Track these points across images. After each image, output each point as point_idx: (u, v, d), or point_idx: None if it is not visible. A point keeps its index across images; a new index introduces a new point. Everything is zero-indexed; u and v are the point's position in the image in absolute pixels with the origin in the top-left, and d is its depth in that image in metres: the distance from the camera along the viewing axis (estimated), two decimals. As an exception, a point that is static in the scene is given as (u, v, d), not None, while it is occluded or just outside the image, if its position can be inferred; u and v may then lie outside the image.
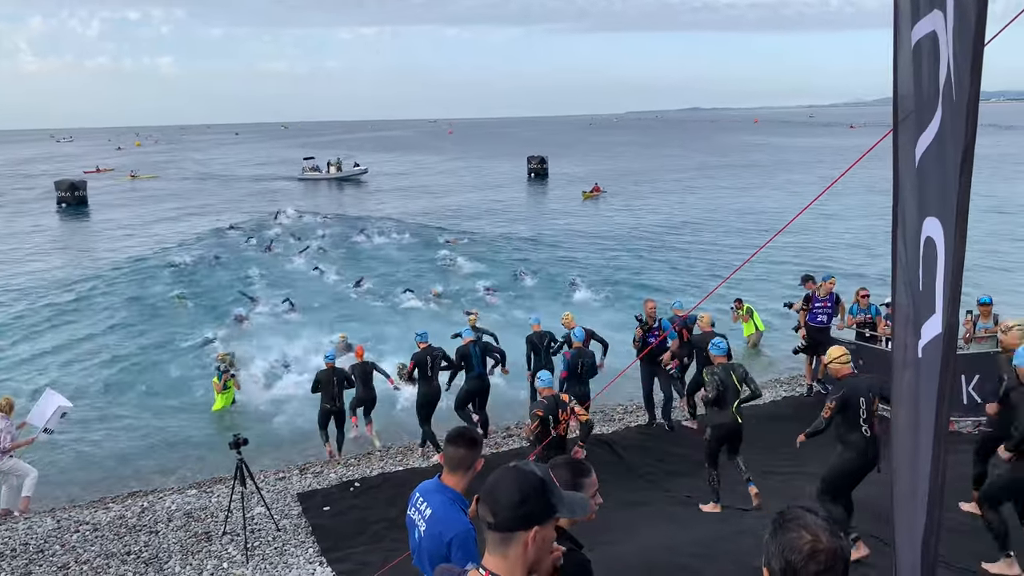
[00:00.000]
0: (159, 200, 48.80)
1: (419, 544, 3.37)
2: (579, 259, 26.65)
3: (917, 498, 2.08)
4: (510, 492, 1.94)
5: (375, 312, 20.51)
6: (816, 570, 1.72)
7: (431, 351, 11.01)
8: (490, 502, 1.95)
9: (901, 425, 2.31)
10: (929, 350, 2.05)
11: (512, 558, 1.94)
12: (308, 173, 61.10)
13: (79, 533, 8.98)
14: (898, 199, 2.34)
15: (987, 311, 11.41)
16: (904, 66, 2.29)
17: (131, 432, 12.85)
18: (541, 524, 1.95)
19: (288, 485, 10.19)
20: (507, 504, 1.93)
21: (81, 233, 37.70)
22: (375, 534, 8.71)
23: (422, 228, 33.74)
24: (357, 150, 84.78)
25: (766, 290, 20.57)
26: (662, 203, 41.47)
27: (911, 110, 2.21)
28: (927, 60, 2.09)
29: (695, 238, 30.23)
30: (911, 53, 2.21)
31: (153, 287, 23.74)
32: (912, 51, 2.20)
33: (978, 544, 6.56)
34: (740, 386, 8.18)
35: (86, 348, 17.86)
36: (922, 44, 2.12)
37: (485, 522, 1.97)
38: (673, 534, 7.84)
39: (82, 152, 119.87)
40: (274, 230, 34.01)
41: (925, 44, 2.09)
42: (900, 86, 2.33)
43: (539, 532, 1.94)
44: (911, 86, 2.24)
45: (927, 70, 2.10)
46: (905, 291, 2.31)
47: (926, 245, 2.05)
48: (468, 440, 3.43)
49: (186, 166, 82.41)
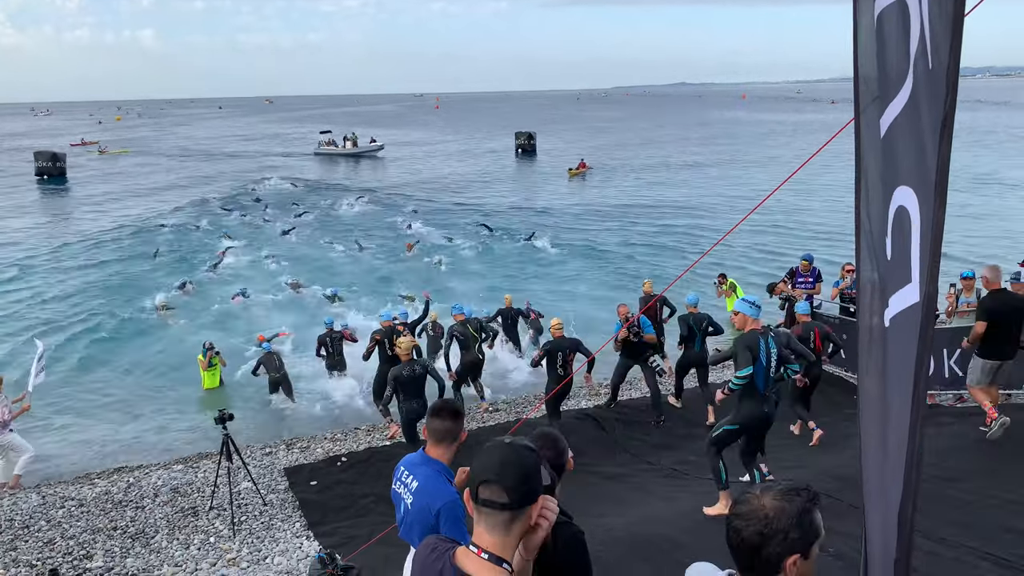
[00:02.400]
0: (140, 175, 48.32)
1: (406, 517, 3.39)
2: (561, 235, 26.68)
3: (888, 468, 2.11)
4: (520, 469, 1.93)
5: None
6: (738, 526, 1.86)
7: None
8: (503, 482, 1.90)
9: (868, 395, 2.33)
10: (900, 320, 2.05)
11: (514, 535, 1.93)
12: (324, 148, 59.85)
13: (64, 509, 8.97)
14: (861, 171, 2.34)
15: (970, 285, 11.52)
16: (866, 39, 2.26)
17: (115, 407, 12.83)
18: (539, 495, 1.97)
19: (275, 460, 10.21)
20: (520, 481, 1.91)
21: (61, 204, 37.34)
22: (362, 508, 8.75)
23: (395, 200, 33.92)
24: (343, 124, 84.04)
25: (749, 265, 20.69)
26: (647, 180, 41.48)
27: (876, 94, 2.19)
28: (894, 30, 2.07)
29: (676, 215, 30.29)
30: (873, 25, 2.19)
31: (134, 259, 23.65)
32: (875, 22, 2.18)
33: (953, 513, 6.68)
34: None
35: (69, 321, 17.75)
36: (886, 14, 2.10)
37: (495, 504, 1.91)
38: (659, 507, 7.93)
39: (62, 126, 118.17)
40: (259, 196, 35.52)
41: (891, 14, 2.07)
42: (861, 61, 2.30)
43: (541, 503, 1.96)
44: (874, 60, 2.22)
45: (894, 40, 2.07)
46: (870, 261, 2.32)
47: (897, 215, 2.04)
48: (452, 412, 3.44)
49: (169, 140, 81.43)
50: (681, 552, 6.25)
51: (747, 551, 1.86)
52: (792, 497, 1.86)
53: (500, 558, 1.91)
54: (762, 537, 1.83)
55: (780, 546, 1.82)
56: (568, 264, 22.92)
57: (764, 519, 1.83)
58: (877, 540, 2.23)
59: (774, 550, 1.82)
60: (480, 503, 1.93)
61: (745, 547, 1.86)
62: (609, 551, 6.14)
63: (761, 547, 1.83)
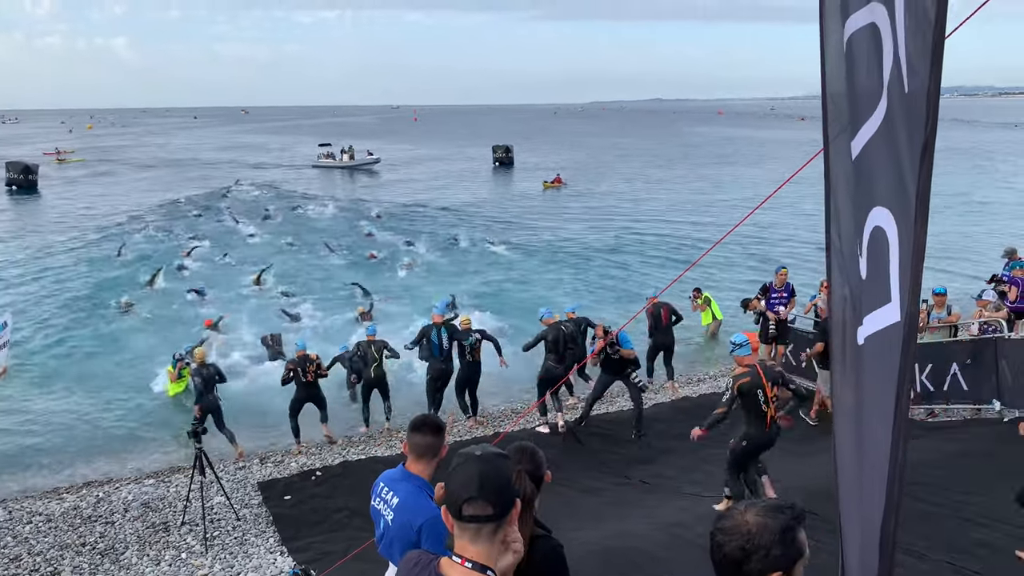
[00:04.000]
0: (112, 184, 47.76)
1: (386, 533, 3.36)
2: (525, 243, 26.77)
3: (865, 483, 2.12)
4: (499, 480, 1.96)
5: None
6: (720, 540, 1.87)
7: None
8: (486, 497, 1.92)
9: (843, 412, 2.34)
10: (876, 339, 2.07)
11: (498, 542, 1.97)
12: (323, 160, 59.56)
13: (32, 524, 8.79)
14: (830, 190, 2.37)
15: (941, 301, 11.69)
16: (834, 64, 2.30)
17: (84, 420, 12.56)
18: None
19: (248, 474, 10.08)
20: (502, 492, 1.95)
21: (30, 214, 36.83)
22: (337, 523, 8.67)
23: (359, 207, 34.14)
24: (320, 136, 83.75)
25: (723, 279, 20.85)
26: (623, 193, 41.67)
27: (846, 123, 2.22)
28: (864, 54, 2.10)
29: (653, 227, 30.45)
30: (843, 48, 2.22)
31: (103, 269, 23.39)
32: (845, 46, 2.21)
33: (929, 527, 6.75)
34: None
35: (37, 332, 17.41)
36: (856, 38, 2.13)
37: (480, 518, 1.93)
38: (636, 521, 7.93)
39: (31, 134, 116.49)
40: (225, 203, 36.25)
41: (861, 37, 2.11)
42: (830, 86, 2.33)
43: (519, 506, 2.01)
44: (843, 84, 2.25)
45: (865, 64, 2.10)
46: (841, 280, 2.34)
47: (873, 235, 2.07)
48: (434, 427, 3.42)
49: (143, 151, 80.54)
50: (657, 566, 6.27)
51: (729, 566, 1.86)
52: (776, 514, 1.86)
53: (485, 566, 1.94)
54: (744, 552, 1.84)
55: (761, 562, 1.82)
56: (535, 270, 23.21)
57: (746, 534, 1.84)
58: (854, 554, 2.25)
59: (756, 566, 1.83)
60: (465, 519, 1.94)
61: (727, 562, 1.86)
62: (585, 566, 6.12)
63: (743, 563, 1.84)
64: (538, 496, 2.91)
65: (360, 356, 11.54)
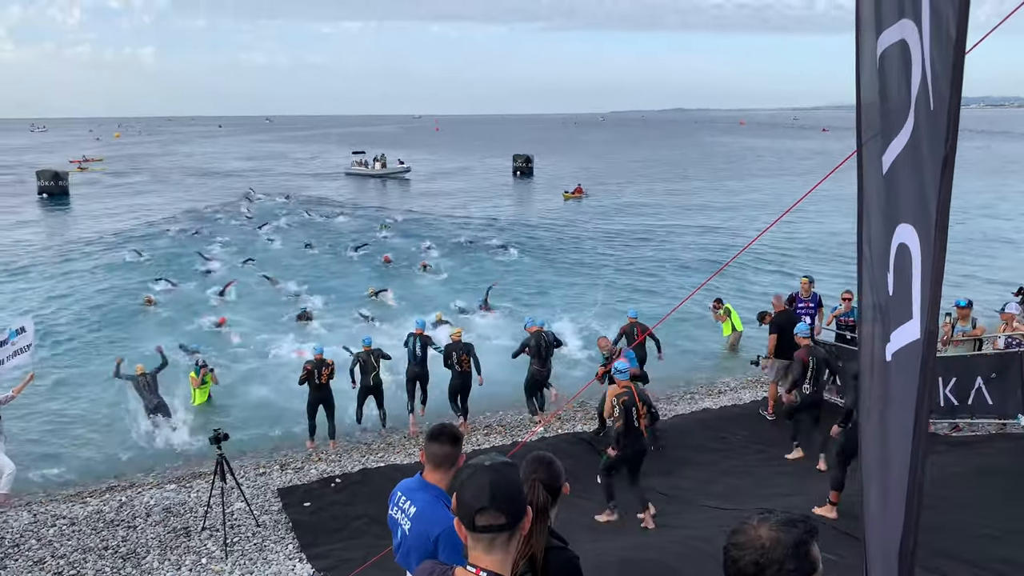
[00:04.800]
0: (141, 193, 48.48)
1: (403, 542, 3.37)
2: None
3: (889, 498, 2.11)
4: (510, 490, 1.99)
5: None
6: (734, 555, 1.85)
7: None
8: (498, 507, 1.95)
9: (869, 427, 2.33)
10: (901, 356, 2.07)
11: (512, 550, 2.01)
12: (356, 168, 60.31)
13: (56, 527, 8.90)
14: (863, 206, 2.36)
15: (966, 314, 11.55)
16: (868, 77, 2.31)
17: (108, 425, 12.71)
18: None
19: (268, 480, 10.14)
20: (513, 501, 1.99)
21: (62, 222, 37.46)
22: (355, 530, 8.70)
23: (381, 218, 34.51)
24: (342, 145, 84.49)
25: (744, 290, 20.73)
26: (644, 207, 41.51)
27: (877, 130, 2.23)
28: (895, 69, 2.11)
29: (674, 238, 30.32)
30: (876, 63, 2.23)
31: (128, 275, 23.73)
32: (878, 60, 2.22)
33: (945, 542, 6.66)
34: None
35: (63, 336, 17.66)
36: (889, 53, 2.14)
37: (493, 528, 1.96)
38: (652, 533, 7.90)
39: (61, 142, 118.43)
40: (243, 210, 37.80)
41: (893, 53, 2.11)
42: (864, 96, 2.34)
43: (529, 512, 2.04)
44: (876, 96, 2.26)
45: (895, 79, 2.11)
46: (872, 297, 2.33)
47: (899, 251, 2.07)
48: (451, 437, 3.42)
49: (170, 159, 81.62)
50: (675, 579, 6.22)
51: None
52: (789, 528, 1.86)
53: (498, 574, 1.97)
54: (758, 567, 1.83)
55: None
56: (551, 279, 23.29)
57: (760, 549, 1.83)
58: (878, 572, 2.23)
59: None
60: (478, 530, 1.97)
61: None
62: (602, 577, 6.10)
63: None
64: (555, 507, 2.90)
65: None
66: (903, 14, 2.02)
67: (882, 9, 2.16)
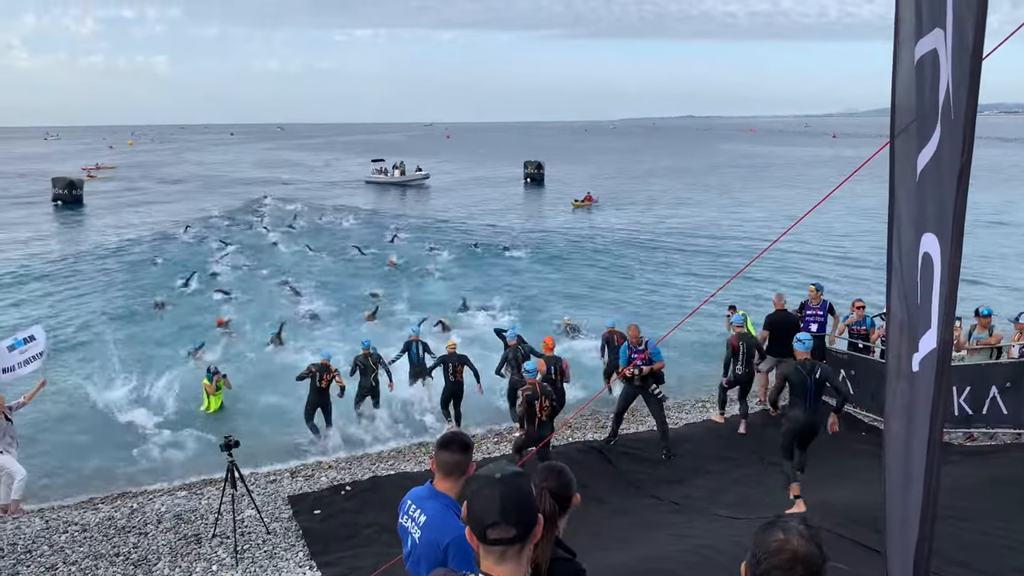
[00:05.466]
0: (155, 201, 48.78)
1: (413, 551, 3.36)
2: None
3: (909, 509, 2.09)
4: (522, 503, 1.99)
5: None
6: (773, 564, 1.82)
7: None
8: (509, 520, 1.95)
9: (894, 436, 2.32)
10: (925, 364, 2.06)
11: (524, 561, 2.01)
12: (375, 176, 60.24)
13: (67, 534, 8.93)
14: (894, 211, 2.35)
15: (986, 323, 11.44)
16: (905, 81, 2.30)
17: (119, 431, 12.76)
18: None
19: (279, 488, 10.15)
20: (525, 514, 1.99)
21: (76, 228, 37.79)
22: (366, 538, 8.68)
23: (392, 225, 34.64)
24: (353, 152, 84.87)
25: (757, 296, 20.63)
26: (655, 211, 41.49)
27: (911, 120, 2.22)
28: (928, 77, 2.11)
29: (686, 246, 30.25)
30: (913, 69, 2.22)
31: (143, 283, 23.89)
32: (915, 67, 2.21)
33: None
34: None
35: (73, 341, 17.78)
36: (924, 61, 2.14)
37: (504, 540, 1.96)
38: (664, 543, 7.84)
39: (73, 150, 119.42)
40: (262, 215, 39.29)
41: (927, 61, 2.11)
42: (899, 99, 2.34)
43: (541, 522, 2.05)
44: (913, 100, 2.25)
45: (928, 87, 2.11)
46: (900, 303, 2.32)
47: (924, 261, 2.06)
48: (462, 445, 3.41)
49: (183, 168, 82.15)
50: (687, 590, 6.17)
51: None
52: (814, 542, 1.84)
53: None
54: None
55: None
56: (560, 283, 23.39)
57: (794, 560, 1.82)
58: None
59: None
60: (489, 543, 1.97)
61: None
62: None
63: None
64: (564, 517, 2.88)
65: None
66: (936, 23, 2.01)
67: (922, 16, 2.14)
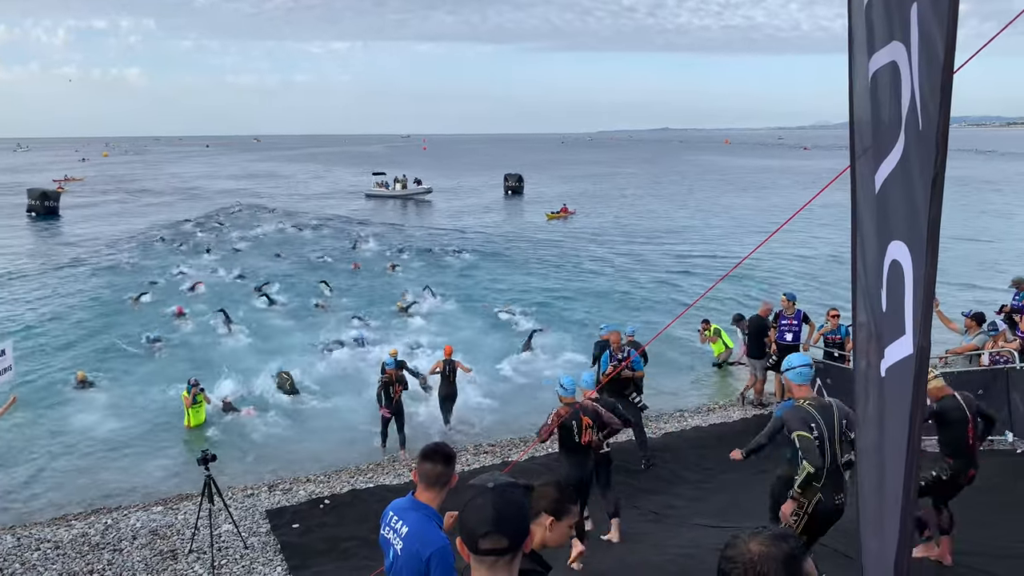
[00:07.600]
0: (128, 213, 48.29)
1: (395, 563, 3.34)
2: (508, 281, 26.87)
3: (885, 516, 2.12)
4: (515, 514, 1.99)
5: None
6: (725, 569, 1.87)
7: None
8: (502, 531, 1.95)
9: (866, 445, 2.35)
10: (895, 371, 2.09)
11: (514, 570, 2.00)
12: (375, 189, 59.18)
13: (40, 551, 8.77)
14: (856, 223, 2.40)
15: (971, 326, 11.71)
16: (861, 95, 2.36)
17: (93, 445, 12.56)
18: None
19: (257, 502, 10.04)
20: (517, 524, 1.99)
21: (48, 240, 37.33)
22: (345, 551, 8.61)
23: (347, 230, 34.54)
24: (332, 164, 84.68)
25: (729, 309, 20.81)
26: (630, 225, 41.66)
27: (869, 144, 2.27)
28: (886, 90, 2.15)
29: (664, 257, 30.47)
30: (868, 83, 2.28)
31: (115, 293, 23.62)
32: (869, 81, 2.26)
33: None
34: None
35: (46, 355, 17.49)
36: (880, 74, 2.19)
37: (496, 551, 1.95)
38: (645, 553, 7.85)
39: (46, 162, 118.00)
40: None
41: (884, 74, 2.16)
42: (856, 114, 2.39)
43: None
44: (868, 115, 2.30)
45: (886, 100, 2.16)
46: (866, 313, 2.36)
47: (891, 268, 2.10)
48: (444, 456, 3.41)
49: (158, 181, 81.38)
50: (668, 599, 6.18)
51: None
52: (779, 543, 1.88)
53: None
54: None
55: None
56: (537, 294, 23.36)
57: (750, 562, 1.85)
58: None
59: None
60: (481, 553, 1.96)
61: None
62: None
63: None
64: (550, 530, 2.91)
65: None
66: (893, 36, 2.06)
67: (874, 31, 2.20)
